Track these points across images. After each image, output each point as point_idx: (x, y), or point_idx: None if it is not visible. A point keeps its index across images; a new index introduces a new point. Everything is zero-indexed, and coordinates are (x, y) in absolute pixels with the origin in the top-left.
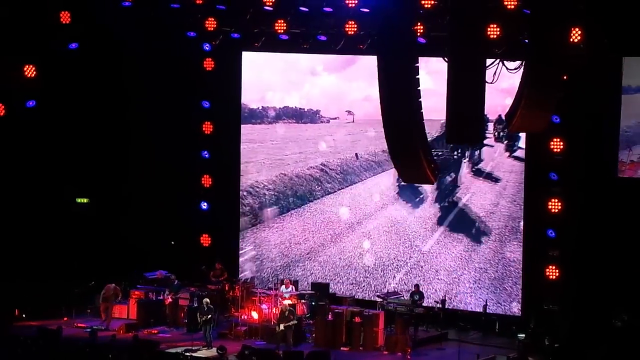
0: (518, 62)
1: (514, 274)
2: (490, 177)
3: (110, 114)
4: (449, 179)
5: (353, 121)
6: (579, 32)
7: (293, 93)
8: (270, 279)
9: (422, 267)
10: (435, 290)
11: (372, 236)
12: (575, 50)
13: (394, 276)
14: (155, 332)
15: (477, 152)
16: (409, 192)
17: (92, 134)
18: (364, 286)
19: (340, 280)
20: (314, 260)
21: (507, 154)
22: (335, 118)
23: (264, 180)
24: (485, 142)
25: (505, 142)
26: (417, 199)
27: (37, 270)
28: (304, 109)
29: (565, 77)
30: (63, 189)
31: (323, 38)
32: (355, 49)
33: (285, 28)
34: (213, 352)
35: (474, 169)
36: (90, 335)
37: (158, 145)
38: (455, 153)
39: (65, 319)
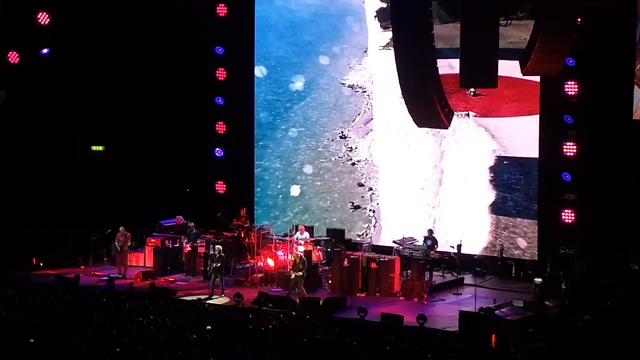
0: None
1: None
2: None
3: (124, 60)
4: None
5: None
6: None
7: None
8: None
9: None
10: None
11: None
12: None
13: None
14: (172, 279)
15: None
16: None
17: (106, 81)
18: None
19: None
20: None
21: None
22: None
23: None
24: None
25: None
26: None
27: (53, 219)
28: None
29: (579, 20)
30: (78, 137)
31: None
32: None
33: None
34: (226, 299)
35: None
36: (107, 283)
37: (171, 91)
38: None
39: (82, 267)
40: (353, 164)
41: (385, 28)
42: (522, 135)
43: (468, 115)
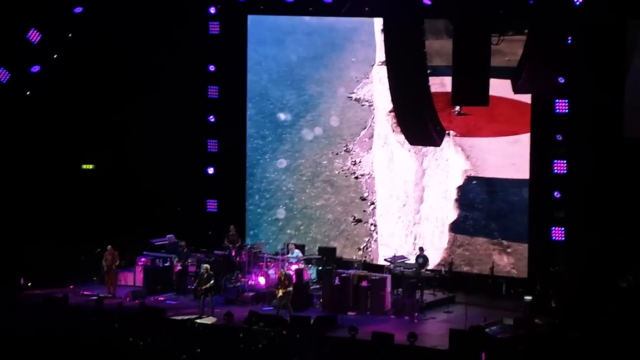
0: None
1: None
2: None
3: (115, 78)
4: None
5: None
6: None
7: None
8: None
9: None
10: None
11: None
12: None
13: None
14: (162, 299)
15: None
16: None
17: (97, 99)
18: None
19: None
20: None
21: None
22: None
23: None
24: None
25: None
26: None
27: (43, 238)
28: None
29: (569, 39)
30: (68, 155)
31: (328, 0)
32: (361, 12)
33: None
34: (213, 319)
35: None
36: (96, 303)
37: (163, 109)
38: None
39: (71, 287)
40: (356, 177)
41: None
42: (495, 156)
43: (449, 134)
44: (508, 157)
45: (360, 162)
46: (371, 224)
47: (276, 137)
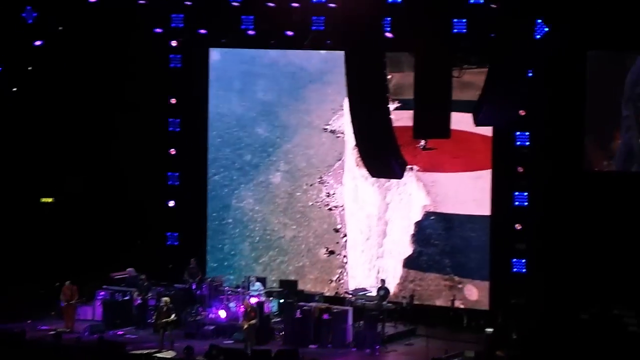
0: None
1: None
2: None
3: (74, 111)
4: None
5: None
6: (544, 26)
7: None
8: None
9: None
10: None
11: None
12: (539, 45)
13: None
14: (122, 333)
15: None
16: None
17: (57, 132)
18: None
19: None
20: None
21: None
22: None
23: None
24: None
25: None
26: None
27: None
28: None
29: (530, 71)
30: (26, 189)
31: (290, 34)
32: (323, 45)
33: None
34: (173, 353)
35: None
36: (54, 338)
37: (124, 142)
38: None
39: (29, 321)
40: (330, 209)
41: None
42: (456, 191)
43: (412, 169)
44: (470, 192)
45: (334, 193)
46: (344, 256)
47: (250, 168)
